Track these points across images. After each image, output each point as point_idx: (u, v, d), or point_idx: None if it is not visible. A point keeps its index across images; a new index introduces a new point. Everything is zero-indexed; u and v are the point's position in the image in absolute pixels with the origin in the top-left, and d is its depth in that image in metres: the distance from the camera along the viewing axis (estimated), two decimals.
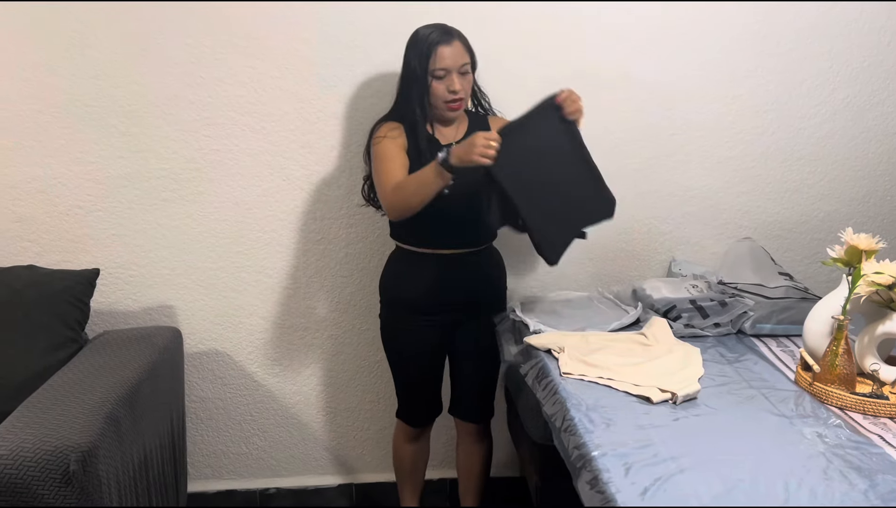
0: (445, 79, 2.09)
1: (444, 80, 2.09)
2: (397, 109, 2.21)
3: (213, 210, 2.54)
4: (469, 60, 2.13)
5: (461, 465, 2.52)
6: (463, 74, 2.11)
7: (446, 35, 2.09)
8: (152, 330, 2.45)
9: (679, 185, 2.67)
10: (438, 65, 2.07)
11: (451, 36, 2.10)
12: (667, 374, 1.86)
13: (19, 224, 2.48)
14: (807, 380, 1.81)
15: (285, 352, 2.71)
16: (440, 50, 2.07)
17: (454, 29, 2.13)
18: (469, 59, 2.13)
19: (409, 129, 2.16)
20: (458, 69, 2.09)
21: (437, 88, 2.10)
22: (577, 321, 2.26)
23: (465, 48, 2.12)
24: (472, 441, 2.47)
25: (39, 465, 1.66)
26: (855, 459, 1.49)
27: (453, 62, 2.08)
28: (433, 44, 2.07)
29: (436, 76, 2.09)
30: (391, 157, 2.13)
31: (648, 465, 1.47)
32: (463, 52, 2.11)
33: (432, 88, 2.10)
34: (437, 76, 2.09)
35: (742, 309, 2.22)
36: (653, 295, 2.33)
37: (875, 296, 1.77)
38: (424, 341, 2.31)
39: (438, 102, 2.12)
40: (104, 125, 2.44)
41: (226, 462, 2.80)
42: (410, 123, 2.15)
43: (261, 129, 2.49)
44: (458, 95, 2.10)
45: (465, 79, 2.12)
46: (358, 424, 2.82)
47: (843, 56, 2.61)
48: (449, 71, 2.08)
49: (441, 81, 2.09)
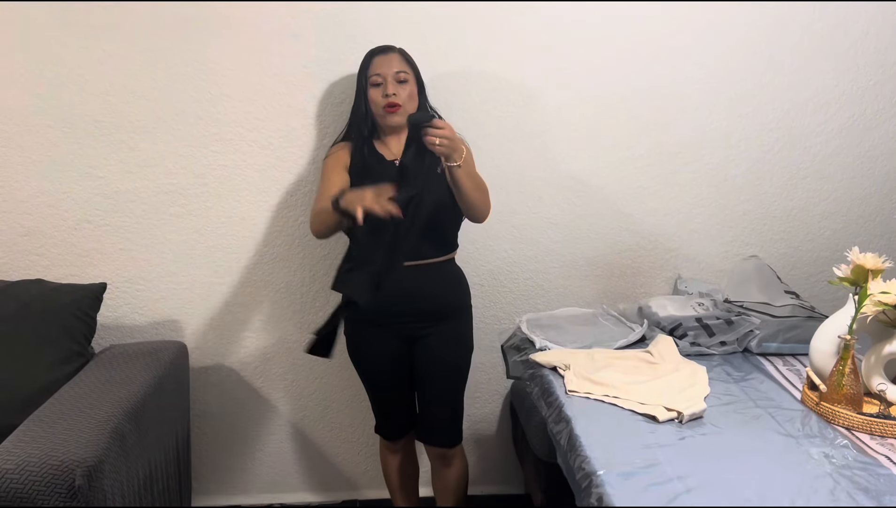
0: (381, 86, 2.15)
1: (380, 87, 2.16)
2: (349, 129, 2.29)
3: (221, 225, 2.55)
4: (407, 70, 2.18)
5: (435, 488, 2.50)
6: (400, 81, 2.16)
7: (385, 48, 2.22)
8: (158, 345, 2.46)
9: (685, 202, 2.67)
10: (374, 71, 2.17)
11: (390, 49, 2.21)
12: (673, 392, 1.85)
13: (28, 238, 2.49)
14: (813, 400, 1.81)
15: (290, 367, 2.72)
16: (376, 59, 2.18)
17: (397, 46, 2.23)
18: (407, 69, 2.18)
19: (356, 146, 2.22)
20: (392, 76, 2.15)
21: (373, 94, 2.17)
22: (582, 337, 2.25)
23: (404, 60, 2.20)
24: (441, 466, 2.42)
25: (45, 479, 1.66)
26: (862, 480, 1.48)
27: (388, 69, 2.16)
28: (370, 56, 2.20)
29: (372, 83, 2.17)
30: (326, 176, 2.21)
31: (654, 484, 1.46)
32: (400, 62, 2.18)
33: (370, 96, 2.18)
34: (373, 83, 2.17)
35: (748, 328, 2.22)
36: (659, 313, 2.33)
37: (881, 316, 1.76)
38: (384, 354, 2.25)
39: (378, 109, 2.18)
40: (113, 140, 2.45)
41: (230, 478, 2.80)
42: (357, 141, 2.22)
43: (268, 145, 2.50)
44: (392, 99, 2.14)
45: (401, 87, 2.16)
46: (363, 440, 2.82)
47: (850, 75, 2.62)
48: (384, 77, 2.15)
49: (378, 88, 2.16)
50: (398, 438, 2.43)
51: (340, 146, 2.26)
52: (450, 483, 2.43)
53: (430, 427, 2.35)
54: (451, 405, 2.33)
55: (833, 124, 2.66)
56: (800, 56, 2.58)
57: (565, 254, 2.68)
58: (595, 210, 2.64)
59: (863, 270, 1.80)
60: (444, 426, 2.34)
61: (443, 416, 2.33)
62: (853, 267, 1.82)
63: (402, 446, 2.47)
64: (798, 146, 2.66)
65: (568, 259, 2.69)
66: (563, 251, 2.68)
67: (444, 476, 2.42)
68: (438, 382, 2.29)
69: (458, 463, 2.42)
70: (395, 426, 2.42)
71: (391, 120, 2.17)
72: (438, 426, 2.34)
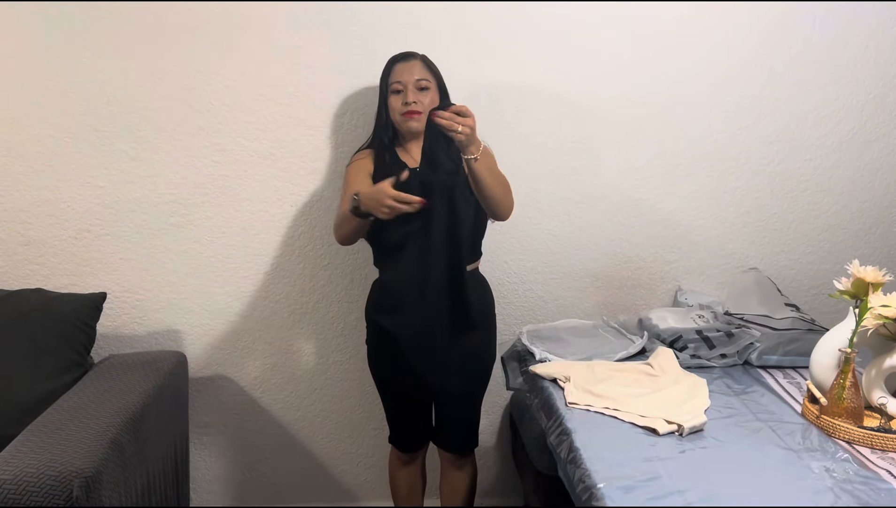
0: (402, 93, 2.15)
1: (400, 94, 2.15)
2: (372, 137, 2.29)
3: (221, 235, 2.55)
4: (428, 78, 2.17)
5: (443, 493, 2.48)
6: (421, 89, 2.15)
7: (407, 55, 2.19)
8: (157, 355, 2.45)
9: (685, 214, 2.68)
10: (395, 78, 2.16)
11: (413, 56, 2.19)
12: (673, 405, 1.85)
13: (27, 247, 2.49)
14: (814, 413, 1.80)
15: (289, 378, 2.71)
16: (397, 66, 2.17)
17: (419, 53, 2.21)
18: (429, 77, 2.17)
19: (378, 153, 2.22)
20: (413, 83, 2.14)
21: (394, 101, 2.17)
22: (582, 349, 2.25)
23: (426, 67, 2.18)
24: (454, 468, 2.42)
25: (43, 490, 1.65)
26: (863, 494, 1.48)
27: (408, 76, 2.14)
28: (392, 62, 2.19)
29: (393, 90, 2.16)
30: (349, 182, 2.19)
31: (655, 498, 1.46)
32: (422, 69, 2.17)
33: (390, 103, 2.18)
34: (394, 90, 2.16)
35: (748, 340, 2.21)
36: (659, 325, 2.33)
37: (882, 329, 1.76)
38: (405, 368, 2.22)
39: (397, 116, 2.17)
40: (114, 150, 2.46)
41: (229, 488, 2.79)
42: (379, 148, 2.22)
43: (269, 155, 2.51)
44: (412, 107, 2.14)
45: (422, 94, 2.15)
46: (361, 450, 2.81)
47: (850, 88, 2.62)
48: (404, 85, 2.14)
49: (398, 96, 2.16)
50: (413, 450, 2.43)
51: (363, 154, 2.26)
52: (460, 487, 2.43)
53: (448, 433, 2.36)
54: (470, 411, 2.34)
55: (833, 137, 2.66)
56: (800, 69, 2.59)
57: (565, 265, 2.68)
58: (595, 222, 2.65)
59: (863, 283, 1.80)
60: (462, 432, 2.36)
61: (461, 422, 2.34)
62: (853, 280, 1.82)
63: (414, 458, 2.46)
64: (798, 159, 2.67)
65: (568, 271, 2.69)
66: (563, 263, 2.68)
67: (455, 479, 2.42)
68: (460, 389, 2.28)
69: (470, 469, 2.43)
70: (412, 439, 2.41)
71: (410, 125, 2.16)
72: (457, 432, 2.36)
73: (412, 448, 2.42)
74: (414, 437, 2.40)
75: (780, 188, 2.69)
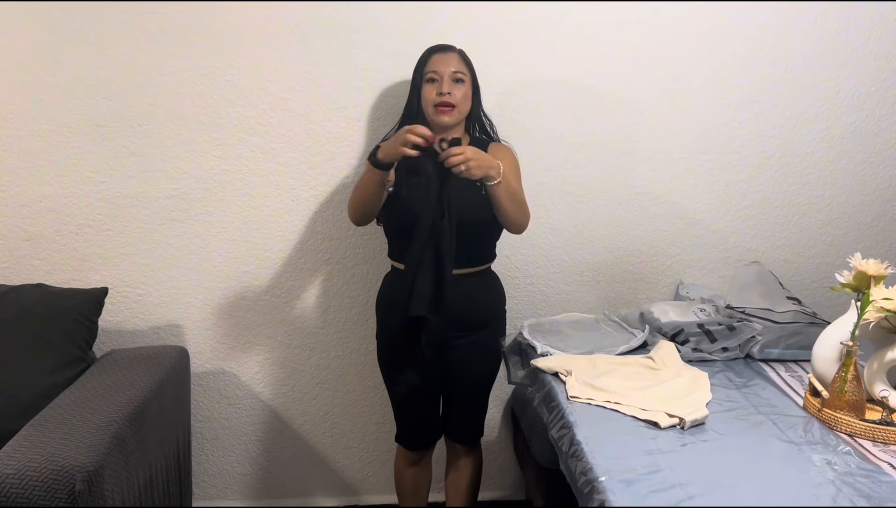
0: (437, 83, 2.13)
1: (435, 83, 2.13)
2: (399, 125, 2.26)
3: (222, 230, 2.55)
4: (464, 71, 2.15)
5: (449, 483, 2.48)
6: (456, 81, 2.14)
7: (445, 47, 2.18)
8: (159, 349, 2.45)
9: (687, 208, 2.67)
10: (430, 68, 2.14)
11: (450, 48, 2.18)
12: (675, 399, 1.85)
13: (29, 243, 2.49)
14: (815, 406, 1.80)
15: (291, 372, 2.71)
16: (434, 56, 2.16)
17: (457, 46, 2.20)
18: (464, 70, 2.16)
19: None
20: (449, 75, 2.12)
21: (427, 91, 2.14)
22: (584, 343, 2.25)
23: (463, 61, 2.17)
24: (461, 461, 2.44)
25: (45, 485, 1.66)
26: (865, 487, 1.48)
27: (445, 67, 2.13)
28: (429, 52, 2.18)
29: (427, 79, 2.14)
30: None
31: (656, 491, 1.46)
32: (458, 62, 2.15)
33: (423, 92, 2.15)
34: (428, 79, 2.14)
35: (750, 334, 2.21)
36: (660, 318, 2.33)
37: (884, 322, 1.76)
38: (417, 362, 2.21)
39: (429, 107, 2.14)
40: (115, 145, 2.46)
41: (231, 483, 2.79)
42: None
43: (270, 150, 2.51)
44: (446, 98, 2.11)
45: (456, 86, 2.14)
46: (363, 445, 2.81)
47: (850, 81, 2.62)
48: (441, 75, 2.12)
49: (433, 85, 2.13)
50: (421, 449, 2.43)
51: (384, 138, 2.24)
52: (465, 476, 2.44)
53: (456, 423, 2.38)
54: (478, 403, 2.37)
55: (835, 131, 2.66)
56: (801, 63, 2.59)
57: (567, 260, 2.68)
58: (597, 216, 2.64)
59: (865, 276, 1.80)
60: (469, 423, 2.38)
61: (469, 414, 2.37)
62: (855, 273, 1.82)
63: (421, 457, 2.46)
64: (800, 152, 2.67)
65: (569, 265, 2.69)
66: (564, 257, 2.68)
67: (462, 467, 2.44)
68: (468, 383, 2.31)
69: (476, 459, 2.45)
70: (420, 437, 2.41)
71: (442, 119, 2.14)
72: (464, 423, 2.38)
73: (420, 446, 2.42)
74: (423, 435, 2.41)
75: (781, 182, 2.69)
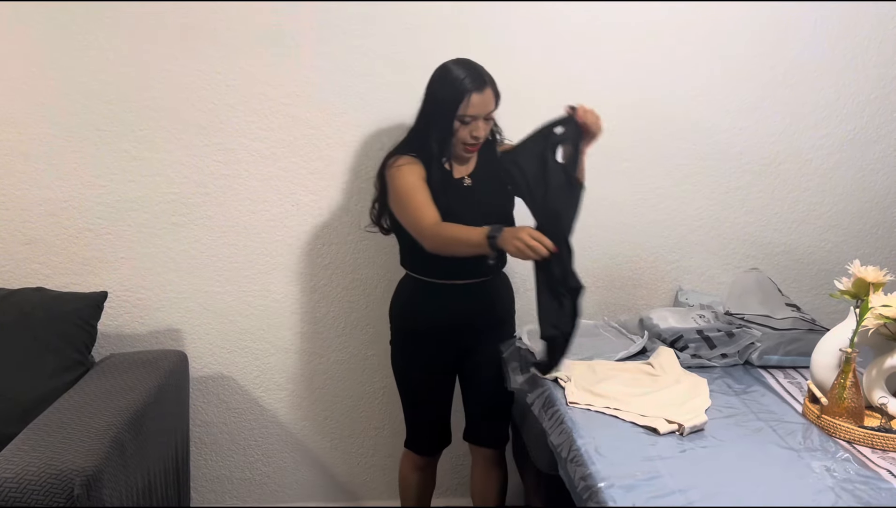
0: (470, 124, 2.08)
1: (468, 125, 2.08)
2: (413, 142, 2.18)
3: (222, 234, 2.55)
4: (495, 106, 2.12)
5: (476, 492, 2.49)
6: (487, 120, 2.11)
7: (479, 81, 2.05)
8: (158, 354, 2.45)
9: (686, 214, 2.68)
10: (468, 112, 2.05)
11: (484, 83, 2.06)
12: (674, 405, 1.85)
13: (29, 246, 2.49)
14: (815, 413, 1.80)
15: (290, 377, 2.71)
16: (473, 98, 2.04)
17: (485, 72, 2.09)
18: (496, 105, 2.12)
19: (426, 163, 2.13)
20: (484, 116, 2.08)
21: (462, 132, 2.08)
22: (583, 349, 2.25)
23: (494, 94, 2.09)
24: (489, 467, 2.44)
25: (44, 489, 1.65)
26: (864, 494, 1.48)
27: (482, 109, 2.06)
28: (466, 91, 2.04)
29: (463, 121, 2.07)
30: (418, 187, 2.10)
31: (655, 497, 1.46)
32: (492, 99, 2.08)
33: (458, 132, 2.08)
34: (464, 122, 2.07)
35: (749, 340, 2.21)
36: (660, 325, 2.33)
37: (883, 329, 1.76)
38: (435, 368, 2.30)
39: (457, 144, 2.12)
40: (115, 149, 2.46)
41: (229, 487, 2.79)
42: (426, 159, 2.13)
43: (270, 154, 2.51)
44: (480, 140, 2.11)
45: (488, 124, 2.12)
46: (362, 450, 2.81)
47: (851, 88, 2.62)
48: (476, 118, 2.07)
49: (466, 126, 2.09)
50: (432, 454, 2.44)
51: (409, 160, 2.14)
52: (496, 484, 2.45)
53: (483, 427, 2.39)
54: (503, 405, 2.38)
55: (834, 138, 2.66)
56: (800, 69, 2.60)
57: None
58: (596, 222, 2.64)
59: (864, 283, 1.80)
60: (497, 425, 2.39)
61: (496, 416, 2.37)
62: (854, 280, 1.82)
63: (428, 463, 2.47)
64: (799, 159, 2.67)
65: None
66: None
67: (491, 478, 2.44)
68: (491, 384, 2.31)
69: (503, 466, 2.46)
70: (433, 442, 2.42)
71: (468, 155, 2.16)
72: (491, 426, 2.39)
73: (431, 451, 2.43)
74: (433, 441, 2.42)
75: (780, 189, 2.69)
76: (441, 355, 2.29)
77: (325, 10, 2.41)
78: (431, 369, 2.30)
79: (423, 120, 2.15)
